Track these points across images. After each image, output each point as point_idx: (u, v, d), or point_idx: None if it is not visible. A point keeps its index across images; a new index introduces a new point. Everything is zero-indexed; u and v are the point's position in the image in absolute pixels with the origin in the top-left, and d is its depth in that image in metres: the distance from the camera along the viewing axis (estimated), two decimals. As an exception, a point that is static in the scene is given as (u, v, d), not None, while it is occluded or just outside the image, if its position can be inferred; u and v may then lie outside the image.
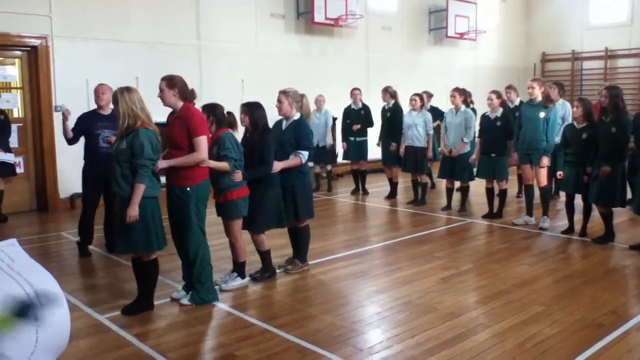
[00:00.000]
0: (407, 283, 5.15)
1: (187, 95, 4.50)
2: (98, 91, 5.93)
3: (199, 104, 4.79)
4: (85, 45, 8.78)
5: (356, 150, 9.79)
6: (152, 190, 4.24)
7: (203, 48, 10.15)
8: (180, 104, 4.46)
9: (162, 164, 4.31)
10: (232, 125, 5.00)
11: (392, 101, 9.29)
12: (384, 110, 9.37)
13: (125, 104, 4.19)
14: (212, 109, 4.82)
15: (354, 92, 9.84)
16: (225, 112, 4.92)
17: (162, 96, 4.45)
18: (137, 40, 9.28)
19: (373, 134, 9.79)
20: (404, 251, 6.27)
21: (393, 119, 9.15)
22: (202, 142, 4.38)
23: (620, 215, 7.04)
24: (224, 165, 4.70)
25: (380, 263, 5.86)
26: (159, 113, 4.88)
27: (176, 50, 9.66)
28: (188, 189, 4.42)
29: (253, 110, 5.01)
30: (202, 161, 4.43)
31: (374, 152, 9.92)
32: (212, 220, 5.29)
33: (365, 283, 5.18)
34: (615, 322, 4.19)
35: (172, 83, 4.42)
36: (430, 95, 9.84)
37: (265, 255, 5.25)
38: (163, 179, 4.45)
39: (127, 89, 4.26)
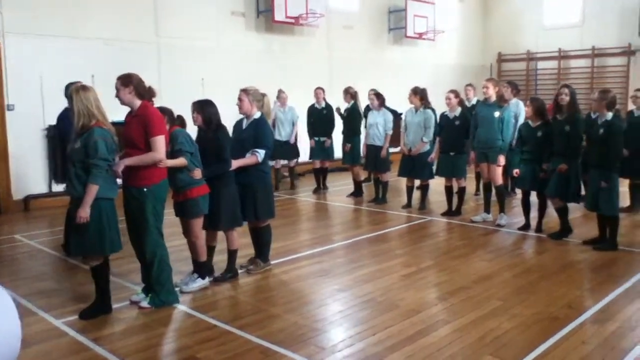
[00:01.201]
0: (369, 281, 5.18)
1: (144, 93, 4.41)
2: None
3: (158, 103, 4.71)
4: (39, 42, 8.53)
5: (323, 149, 9.81)
6: (106, 191, 4.14)
7: (162, 45, 10.00)
8: (138, 102, 4.37)
9: (120, 165, 4.22)
10: (183, 124, 4.94)
11: (352, 102, 9.36)
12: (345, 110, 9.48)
13: (80, 102, 4.09)
14: (162, 110, 4.75)
15: (317, 92, 9.86)
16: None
17: (118, 95, 4.36)
18: (93, 36, 9.06)
19: (339, 134, 9.81)
20: (366, 249, 6.31)
21: (350, 119, 9.24)
22: (159, 141, 4.30)
23: (574, 211, 7.25)
24: (180, 161, 4.64)
25: (343, 261, 5.88)
26: (120, 111, 4.77)
27: (134, 48, 9.48)
28: (145, 189, 4.33)
29: (205, 107, 4.94)
30: (159, 161, 4.35)
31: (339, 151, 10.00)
32: (171, 221, 5.21)
33: (327, 281, 5.20)
34: (570, 315, 4.32)
35: (126, 81, 4.32)
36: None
37: (232, 255, 5.20)
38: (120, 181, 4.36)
39: (83, 87, 4.17)
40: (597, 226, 6.24)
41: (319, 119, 9.80)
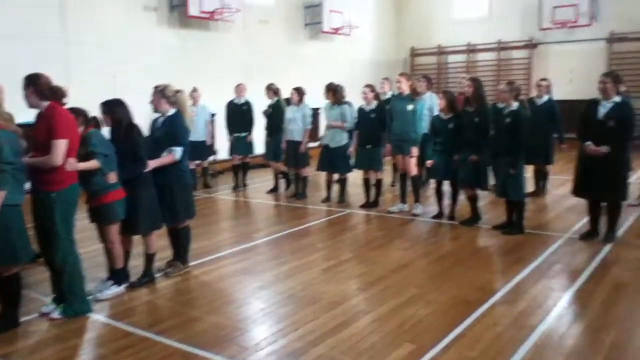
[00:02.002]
0: (291, 276, 5.21)
1: (49, 94, 4.19)
2: None
3: (69, 102, 4.48)
4: None
5: (242, 145, 9.72)
6: (13, 197, 3.91)
7: (70, 41, 9.52)
8: (45, 103, 4.14)
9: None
10: (98, 125, 4.75)
11: (276, 98, 9.36)
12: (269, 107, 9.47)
13: (-20, 104, 3.84)
14: (76, 111, 4.55)
15: (239, 87, 9.77)
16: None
17: (24, 96, 4.13)
18: (-7, 33, 8.51)
19: (260, 129, 9.75)
20: (287, 245, 6.33)
21: (273, 115, 9.22)
22: (59, 145, 4.05)
23: (484, 198, 7.59)
24: (92, 163, 4.45)
25: (264, 258, 5.87)
26: (31, 112, 4.49)
27: (39, 44, 8.97)
28: (53, 194, 4.13)
29: (113, 108, 4.77)
30: (55, 165, 4.13)
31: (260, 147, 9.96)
32: (84, 226, 5.00)
33: (249, 280, 5.17)
34: (482, 297, 4.53)
35: (27, 83, 4.10)
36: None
37: (150, 258, 5.07)
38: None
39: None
40: (505, 211, 6.57)
41: (239, 115, 9.70)
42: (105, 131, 4.83)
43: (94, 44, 9.78)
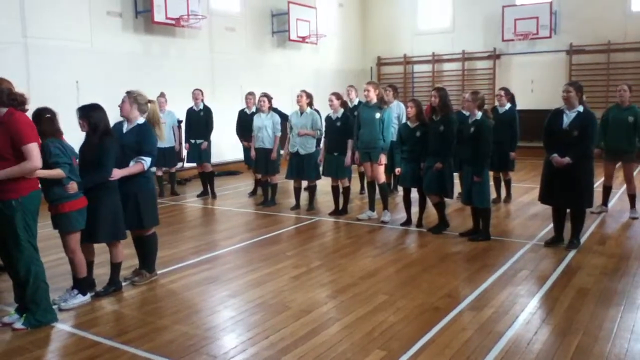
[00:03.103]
0: (260, 284, 5.17)
1: (7, 100, 4.06)
2: None
3: (30, 109, 4.36)
4: None
5: (198, 152, 9.63)
6: None
7: (30, 46, 9.30)
8: (3, 110, 4.03)
9: None
10: (56, 132, 4.53)
11: (254, 106, 9.41)
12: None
13: None
14: (36, 116, 4.43)
15: (195, 93, 9.69)
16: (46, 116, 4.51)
17: None
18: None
19: (221, 135, 9.68)
20: (256, 253, 6.28)
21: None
22: (32, 149, 4.00)
23: (451, 205, 7.69)
24: (57, 172, 4.34)
25: (232, 267, 5.81)
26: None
27: (-2, 49, 8.75)
28: (13, 202, 4.01)
29: (91, 113, 4.67)
30: (35, 169, 4.04)
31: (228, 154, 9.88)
32: (48, 234, 4.87)
33: (217, 288, 5.11)
34: (450, 304, 4.58)
35: None
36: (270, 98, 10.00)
37: (116, 267, 4.96)
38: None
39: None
40: (472, 218, 6.67)
41: (196, 122, 9.62)
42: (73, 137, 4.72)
43: (55, 49, 9.58)
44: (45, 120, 4.46)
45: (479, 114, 6.37)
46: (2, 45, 8.84)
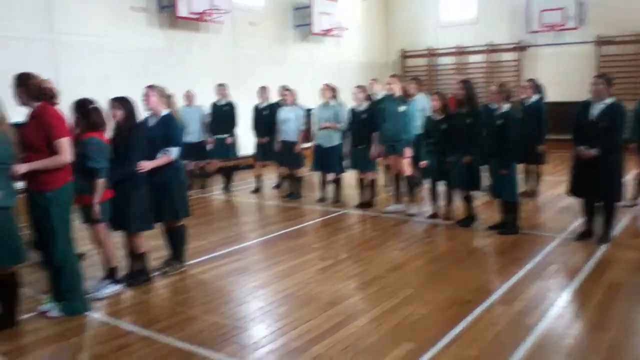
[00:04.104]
0: (287, 276, 5.20)
1: (37, 94, 4.13)
2: None
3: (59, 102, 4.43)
4: None
5: (223, 147, 9.66)
6: (3, 200, 3.86)
7: (57, 42, 9.43)
8: (35, 103, 4.11)
9: (22, 167, 3.95)
10: (99, 125, 4.61)
11: (266, 101, 9.39)
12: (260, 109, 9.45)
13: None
14: (80, 107, 4.51)
15: (219, 88, 9.69)
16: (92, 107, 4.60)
17: (15, 95, 4.09)
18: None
19: (245, 129, 9.70)
20: (283, 245, 6.31)
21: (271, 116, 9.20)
22: (64, 143, 4.07)
23: (479, 199, 7.62)
24: (101, 185, 4.45)
25: (260, 258, 5.86)
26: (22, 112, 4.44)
27: (27, 45, 8.88)
28: (48, 194, 4.09)
29: (126, 104, 4.78)
30: (65, 163, 4.10)
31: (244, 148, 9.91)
32: (81, 225, 4.94)
33: (246, 279, 5.15)
34: (479, 297, 4.54)
35: (19, 82, 4.10)
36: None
37: (142, 258, 5.02)
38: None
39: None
40: (500, 212, 6.60)
41: (220, 117, 9.63)
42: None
43: (81, 45, 9.69)
44: (92, 110, 4.55)
45: (505, 106, 6.29)
46: (31, 41, 8.98)
